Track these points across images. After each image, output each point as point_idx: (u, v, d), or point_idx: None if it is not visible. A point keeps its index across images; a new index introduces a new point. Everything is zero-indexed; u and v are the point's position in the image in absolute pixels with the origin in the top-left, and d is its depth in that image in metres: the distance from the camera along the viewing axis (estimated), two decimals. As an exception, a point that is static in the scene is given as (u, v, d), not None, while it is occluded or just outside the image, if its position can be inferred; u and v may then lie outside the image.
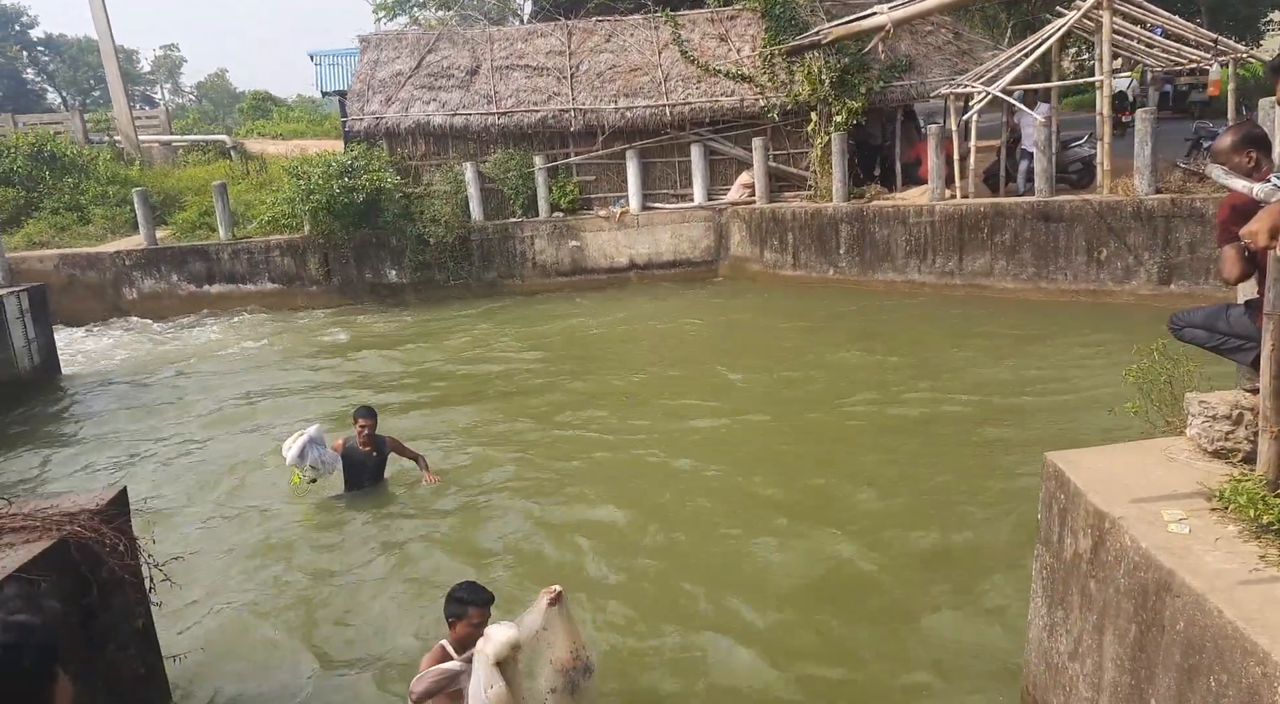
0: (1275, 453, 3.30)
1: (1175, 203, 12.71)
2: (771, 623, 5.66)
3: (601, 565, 6.53)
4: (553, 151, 18.68)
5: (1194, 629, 2.89)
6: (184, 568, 5.32)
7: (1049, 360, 10.85)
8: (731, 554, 6.58)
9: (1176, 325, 4.23)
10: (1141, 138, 12.95)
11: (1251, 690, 2.59)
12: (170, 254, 18.17)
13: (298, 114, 38.20)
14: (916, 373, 10.75)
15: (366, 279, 18.13)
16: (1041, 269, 13.90)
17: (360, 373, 12.82)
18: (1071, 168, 14.95)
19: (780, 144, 18.21)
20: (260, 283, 18.15)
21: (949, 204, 14.71)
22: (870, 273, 15.64)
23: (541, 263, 18.22)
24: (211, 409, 11.33)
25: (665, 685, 5.09)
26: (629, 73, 18.94)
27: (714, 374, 11.49)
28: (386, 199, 17.39)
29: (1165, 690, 3.04)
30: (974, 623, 5.49)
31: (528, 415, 10.21)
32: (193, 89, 79.01)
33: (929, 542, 6.53)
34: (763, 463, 8.33)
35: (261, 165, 22.63)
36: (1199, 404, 3.92)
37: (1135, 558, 3.25)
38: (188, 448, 9.85)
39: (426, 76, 19.46)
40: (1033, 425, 8.69)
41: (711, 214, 17.96)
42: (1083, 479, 3.78)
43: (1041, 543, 4.11)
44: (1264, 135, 3.80)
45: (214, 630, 5.88)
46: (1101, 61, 13.85)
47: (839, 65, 16.92)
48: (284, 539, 7.30)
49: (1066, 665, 3.82)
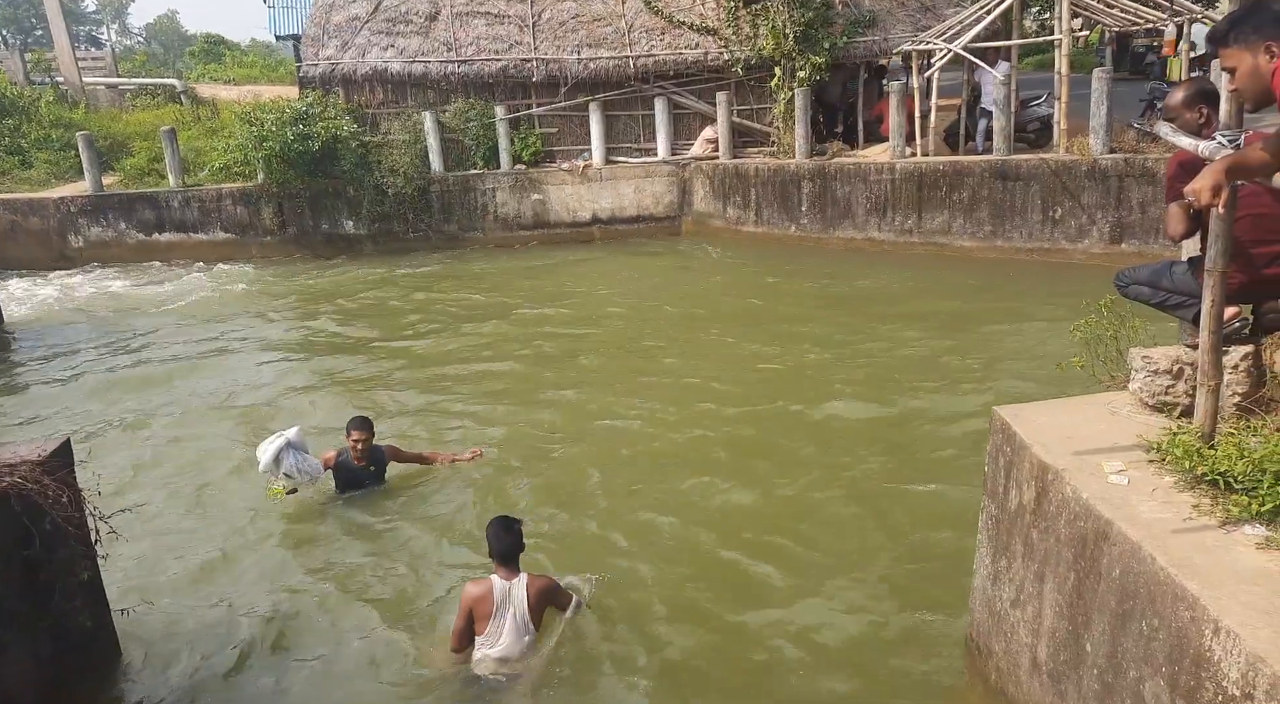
0: (1211, 406, 3.38)
1: (1128, 163, 12.87)
2: (723, 560, 5.78)
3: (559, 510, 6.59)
4: (514, 102, 18.38)
5: (1129, 576, 2.97)
6: (131, 520, 5.25)
7: (1002, 317, 11.01)
8: (681, 504, 6.67)
9: (1122, 283, 4.30)
10: (1097, 98, 13.05)
11: (1180, 634, 2.69)
12: (118, 201, 17.68)
13: (251, 59, 37.11)
14: (869, 333, 10.83)
15: (323, 230, 17.80)
16: (998, 227, 14.03)
17: (313, 326, 12.66)
18: (1030, 127, 15.04)
19: (744, 99, 18.08)
20: (212, 232, 17.75)
21: (909, 162, 14.76)
22: (831, 230, 15.68)
23: (503, 216, 18.01)
24: (160, 359, 11.14)
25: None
26: (592, 23, 18.61)
27: (670, 331, 11.51)
28: (343, 148, 17.01)
29: (1100, 635, 3.14)
30: (922, 572, 5.62)
31: (480, 372, 10.19)
32: (141, 30, 76.47)
33: (878, 496, 6.66)
34: (719, 417, 8.39)
35: (213, 111, 21.99)
36: (1141, 359, 3.99)
37: (1075, 508, 3.33)
38: (134, 399, 9.68)
39: (384, 21, 18.95)
40: (985, 380, 8.84)
41: (675, 169, 17.83)
42: (1028, 432, 3.85)
43: (988, 494, 4.19)
44: (1215, 91, 3.83)
45: (164, 583, 5.84)
46: (1060, 20, 13.88)
47: (803, 19, 16.77)
48: (238, 492, 7.24)
49: (1009, 613, 3.93)
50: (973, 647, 4.39)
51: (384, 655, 5.12)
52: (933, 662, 4.79)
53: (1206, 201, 2.98)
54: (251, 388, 9.89)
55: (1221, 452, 3.21)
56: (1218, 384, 3.42)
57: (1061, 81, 13.84)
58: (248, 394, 9.69)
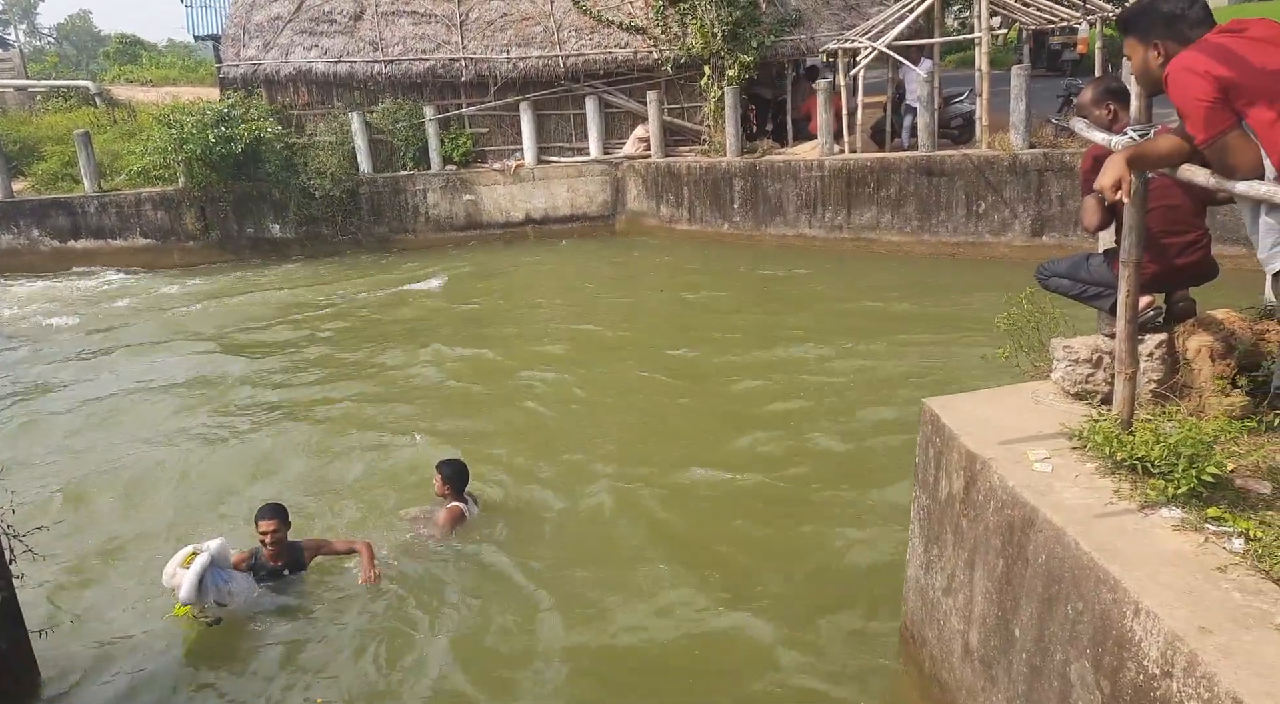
0: (1128, 394, 3.49)
1: (1047, 157, 13.25)
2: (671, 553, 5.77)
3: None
4: (444, 102, 18.16)
5: (1054, 561, 3.05)
6: (47, 539, 5.04)
7: (929, 310, 11.23)
8: (614, 503, 6.67)
9: (1043, 275, 4.41)
10: (1016, 94, 13.40)
11: (1103, 615, 2.76)
12: (29, 207, 17.03)
13: (169, 60, 35.94)
14: (801, 329, 10.94)
15: (248, 234, 17.37)
16: (925, 222, 14.32)
17: (236, 334, 12.33)
18: (954, 123, 15.38)
19: (675, 98, 18.15)
20: (131, 238, 17.19)
21: (837, 159, 14.97)
22: (763, 227, 15.83)
23: (435, 217, 17.79)
24: (73, 372, 10.77)
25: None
26: (520, 22, 18.49)
27: (595, 330, 11.50)
28: (267, 150, 16.63)
29: (1028, 619, 3.22)
30: (857, 565, 5.70)
31: (420, 378, 10.05)
32: (51, 31, 73.66)
33: (813, 488, 6.73)
34: (651, 413, 8.41)
35: (130, 113, 21.27)
36: (1063, 349, 4.10)
37: (1002, 496, 3.41)
38: (48, 414, 9.34)
39: (307, 21, 18.57)
40: (914, 373, 9.00)
41: (608, 168, 17.82)
42: (956, 423, 3.93)
43: (919, 485, 4.27)
44: (1123, 88, 3.97)
45: (83, 603, 5.63)
46: (979, 18, 14.22)
47: (730, 19, 16.89)
48: (159, 507, 7.02)
49: (941, 601, 4.00)
50: (907, 636, 4.46)
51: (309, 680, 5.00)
52: (868, 655, 4.85)
53: (1111, 197, 3.09)
54: (173, 404, 9.59)
55: (1139, 437, 3.31)
56: (1134, 372, 3.53)
57: (982, 78, 14.17)
58: (171, 412, 9.37)
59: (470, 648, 5.08)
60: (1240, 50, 2.98)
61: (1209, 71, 2.94)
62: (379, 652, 5.06)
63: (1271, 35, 3.04)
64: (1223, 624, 2.48)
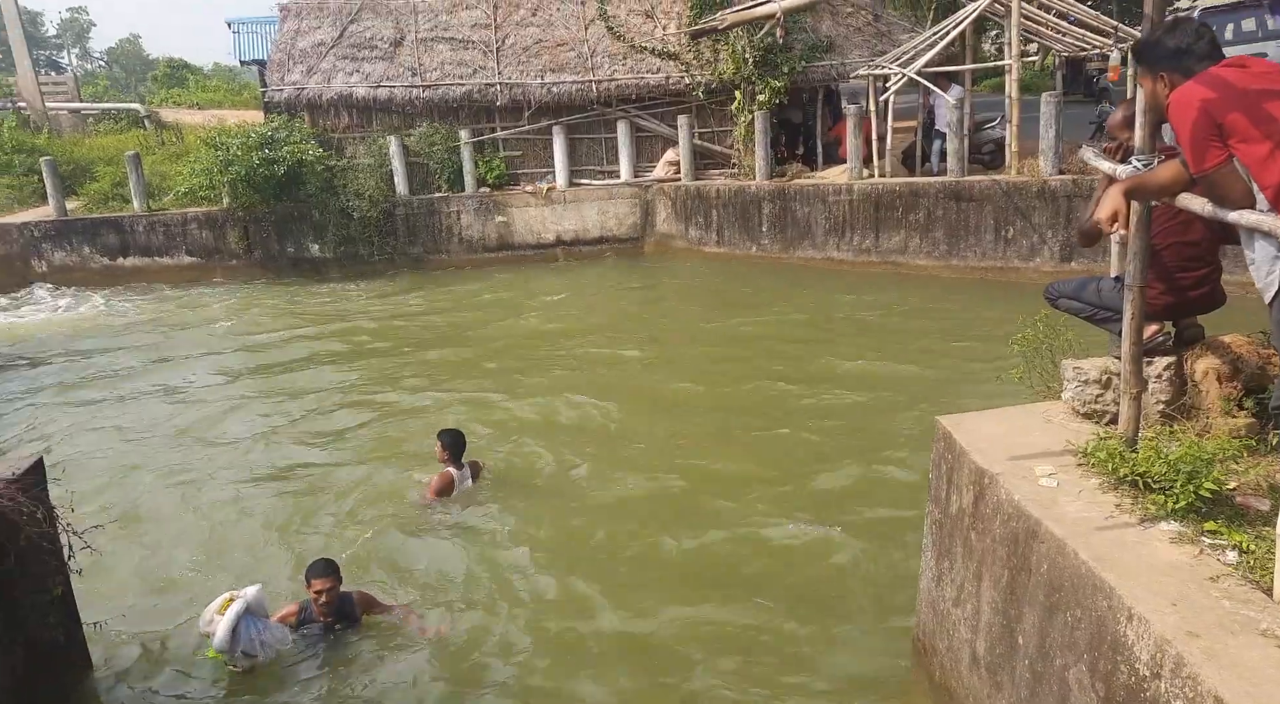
0: (1133, 412, 3.63)
1: (1076, 183, 13.31)
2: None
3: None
4: (478, 126, 18.57)
5: (1055, 571, 3.19)
6: (105, 536, 5.31)
7: (954, 333, 11.32)
8: (644, 513, 6.85)
9: (1052, 295, 4.55)
10: (1046, 121, 13.49)
11: (1100, 622, 2.90)
12: (82, 226, 17.61)
13: (215, 83, 37.07)
14: (825, 348, 11.09)
15: (288, 253, 17.84)
16: (953, 247, 14.41)
17: (277, 350, 12.70)
18: (985, 149, 15.47)
19: (705, 122, 18.42)
20: (177, 256, 17.72)
21: (866, 183, 15.12)
22: (791, 250, 16.00)
23: (468, 238, 18.15)
24: (126, 382, 11.14)
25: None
26: (555, 48, 18.91)
27: (629, 351, 11.72)
28: (309, 171, 17.10)
29: (1031, 627, 3.35)
30: (873, 577, 5.82)
31: (458, 389, 10.31)
32: (102, 55, 75.92)
33: (833, 502, 6.86)
34: (683, 420, 8.60)
35: (177, 135, 21.97)
36: (1073, 370, 4.24)
37: (1009, 509, 3.54)
38: (103, 420, 9.71)
39: (349, 47, 19.12)
40: (933, 392, 9.09)
41: (638, 191, 18.10)
42: (967, 440, 4.07)
43: (932, 499, 4.40)
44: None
45: (136, 597, 5.90)
46: (1011, 45, 14.35)
47: (763, 44, 17.17)
48: (210, 509, 7.32)
49: (950, 611, 4.13)
50: (919, 646, 4.58)
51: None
52: (881, 664, 4.97)
53: (1106, 230, 3.22)
54: (231, 410, 9.95)
55: (1141, 454, 3.44)
56: (1139, 392, 3.66)
57: (1012, 105, 14.28)
58: (224, 417, 9.73)
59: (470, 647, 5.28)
60: (1240, 85, 3.10)
61: (1205, 104, 3.06)
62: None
63: (1272, 72, 3.17)
64: (1210, 629, 2.60)
